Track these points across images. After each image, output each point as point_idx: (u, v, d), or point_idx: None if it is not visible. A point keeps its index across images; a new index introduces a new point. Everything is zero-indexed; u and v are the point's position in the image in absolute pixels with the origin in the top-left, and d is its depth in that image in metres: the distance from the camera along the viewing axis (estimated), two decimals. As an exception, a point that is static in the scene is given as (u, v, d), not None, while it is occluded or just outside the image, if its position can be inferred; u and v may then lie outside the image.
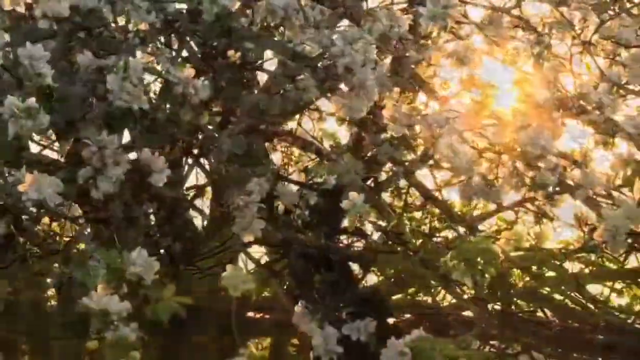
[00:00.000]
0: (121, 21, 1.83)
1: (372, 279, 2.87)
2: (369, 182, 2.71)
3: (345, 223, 3.01)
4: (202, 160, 2.50)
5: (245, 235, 1.73)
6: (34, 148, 2.95)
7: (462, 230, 1.96)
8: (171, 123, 2.12)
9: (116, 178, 1.45)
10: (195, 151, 2.43)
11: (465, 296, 2.28)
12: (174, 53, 2.92)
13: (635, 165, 1.47)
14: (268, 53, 2.44)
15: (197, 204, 2.93)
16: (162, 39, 2.67)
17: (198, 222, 2.60)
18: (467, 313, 2.62)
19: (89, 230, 2.72)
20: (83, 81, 1.55)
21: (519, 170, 1.54)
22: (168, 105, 1.74)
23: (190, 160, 2.68)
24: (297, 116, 3.20)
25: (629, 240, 1.50)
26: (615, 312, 2.38)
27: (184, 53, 2.79)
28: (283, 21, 1.70)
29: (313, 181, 2.93)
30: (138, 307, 1.46)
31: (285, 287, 2.67)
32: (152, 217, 2.71)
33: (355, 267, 3.08)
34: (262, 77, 2.62)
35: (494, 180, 1.63)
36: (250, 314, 2.83)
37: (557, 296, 2.34)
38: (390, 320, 2.94)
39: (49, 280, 2.55)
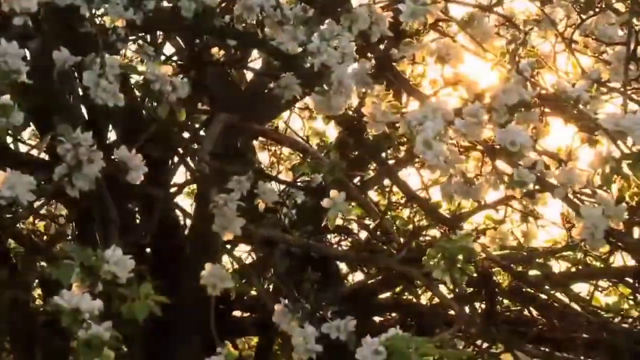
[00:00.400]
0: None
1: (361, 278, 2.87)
2: (356, 181, 2.71)
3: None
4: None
5: (225, 233, 1.72)
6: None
7: (445, 229, 1.95)
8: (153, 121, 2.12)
9: (92, 176, 1.44)
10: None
11: (450, 295, 2.27)
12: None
13: (613, 163, 1.46)
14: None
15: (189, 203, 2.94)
16: (146, 36, 2.69)
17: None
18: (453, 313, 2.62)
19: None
20: (59, 78, 1.54)
21: (498, 168, 1.53)
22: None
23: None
24: (288, 114, 3.20)
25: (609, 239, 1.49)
26: (600, 311, 2.38)
27: (172, 50, 2.81)
28: (264, 18, 1.69)
29: (299, 180, 2.94)
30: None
31: (271, 286, 2.67)
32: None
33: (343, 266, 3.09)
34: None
35: (474, 178, 1.62)
36: (237, 313, 2.83)
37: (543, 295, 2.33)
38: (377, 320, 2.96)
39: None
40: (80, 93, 2.11)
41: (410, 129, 1.55)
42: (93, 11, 1.60)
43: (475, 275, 2.11)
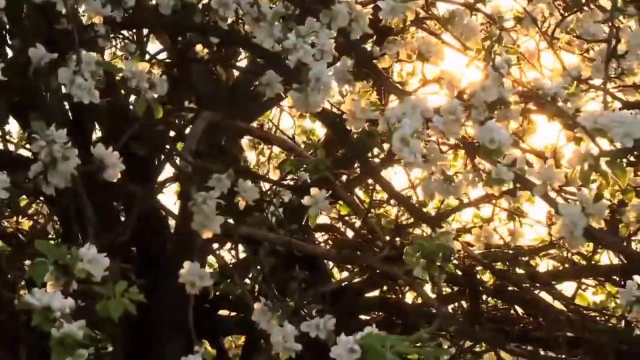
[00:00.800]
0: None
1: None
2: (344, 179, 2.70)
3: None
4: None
5: (204, 231, 1.71)
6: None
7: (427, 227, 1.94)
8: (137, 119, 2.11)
9: (67, 173, 1.43)
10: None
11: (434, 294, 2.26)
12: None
13: (592, 160, 1.45)
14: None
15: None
16: (133, 34, 2.68)
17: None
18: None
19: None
20: (36, 75, 1.53)
21: (476, 166, 1.52)
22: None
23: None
24: (278, 113, 3.19)
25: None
26: (586, 309, 2.38)
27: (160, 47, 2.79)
28: (244, 15, 1.68)
29: (288, 178, 2.93)
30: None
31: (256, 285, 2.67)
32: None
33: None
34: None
35: (453, 176, 1.61)
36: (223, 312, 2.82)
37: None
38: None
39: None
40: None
41: (389, 126, 1.54)
42: (74, 7, 1.59)
43: (458, 273, 2.12)
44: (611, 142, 1.45)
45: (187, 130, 2.38)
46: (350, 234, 2.76)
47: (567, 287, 2.63)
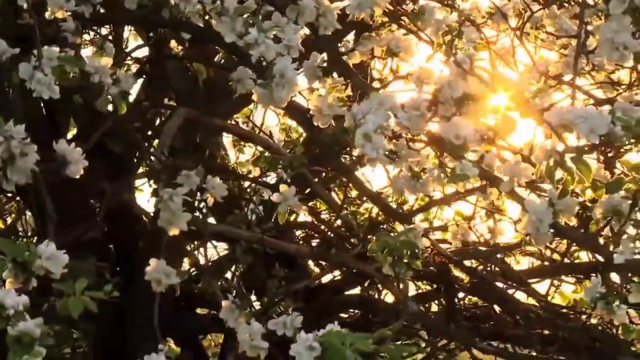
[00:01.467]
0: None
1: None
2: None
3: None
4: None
5: (170, 228, 1.69)
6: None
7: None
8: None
9: (26, 169, 1.41)
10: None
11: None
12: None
13: (557, 156, 1.44)
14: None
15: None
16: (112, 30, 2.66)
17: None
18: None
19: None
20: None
21: (443, 162, 1.51)
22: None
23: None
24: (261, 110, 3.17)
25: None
26: (563, 307, 2.37)
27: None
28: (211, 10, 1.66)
29: (265, 176, 2.92)
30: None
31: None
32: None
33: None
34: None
35: (421, 172, 1.60)
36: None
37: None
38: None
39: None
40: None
41: (355, 122, 1.53)
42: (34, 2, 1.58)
43: (433, 270, 2.11)
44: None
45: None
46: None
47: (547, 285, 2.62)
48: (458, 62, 1.43)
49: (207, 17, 1.76)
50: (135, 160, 2.66)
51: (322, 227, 2.75)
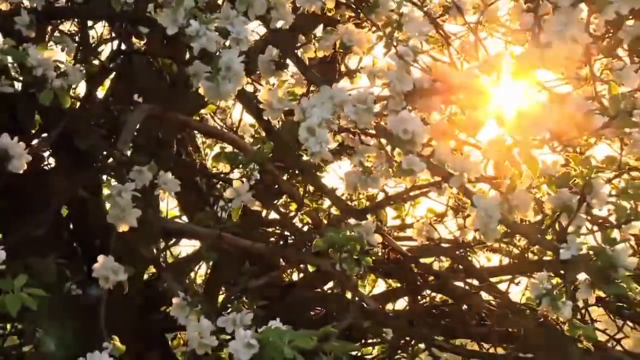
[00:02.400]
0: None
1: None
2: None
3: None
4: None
5: (120, 225, 1.67)
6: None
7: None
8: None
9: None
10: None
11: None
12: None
13: (505, 150, 1.42)
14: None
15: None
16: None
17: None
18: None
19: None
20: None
21: (390, 156, 1.49)
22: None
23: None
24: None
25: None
26: (524, 305, 2.35)
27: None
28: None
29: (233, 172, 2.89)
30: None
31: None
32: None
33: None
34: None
35: (372, 167, 1.58)
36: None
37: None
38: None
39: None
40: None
41: (305, 116, 1.51)
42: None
43: (394, 268, 2.09)
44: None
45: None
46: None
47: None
48: (400, 54, 1.41)
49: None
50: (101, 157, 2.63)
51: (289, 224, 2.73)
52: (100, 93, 2.78)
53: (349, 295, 2.88)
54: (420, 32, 1.57)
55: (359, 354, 2.48)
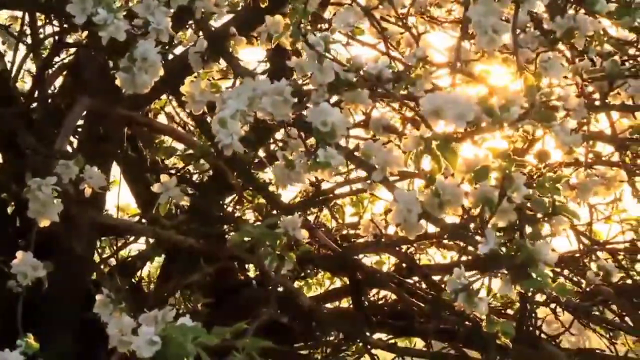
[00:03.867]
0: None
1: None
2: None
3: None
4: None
5: (41, 220, 1.63)
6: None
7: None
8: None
9: None
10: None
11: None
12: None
13: (424, 143, 1.39)
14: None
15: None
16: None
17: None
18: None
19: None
20: None
21: (308, 149, 1.45)
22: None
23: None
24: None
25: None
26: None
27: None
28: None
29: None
30: None
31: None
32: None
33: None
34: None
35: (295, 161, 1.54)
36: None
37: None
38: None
39: None
40: None
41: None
42: None
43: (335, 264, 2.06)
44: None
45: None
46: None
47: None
48: (311, 44, 1.38)
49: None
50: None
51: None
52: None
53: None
54: (347, 23, 1.54)
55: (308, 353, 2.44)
